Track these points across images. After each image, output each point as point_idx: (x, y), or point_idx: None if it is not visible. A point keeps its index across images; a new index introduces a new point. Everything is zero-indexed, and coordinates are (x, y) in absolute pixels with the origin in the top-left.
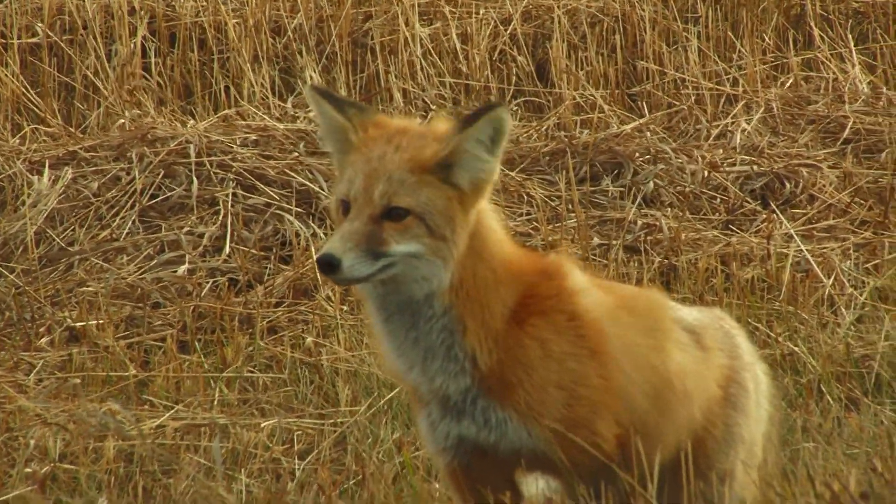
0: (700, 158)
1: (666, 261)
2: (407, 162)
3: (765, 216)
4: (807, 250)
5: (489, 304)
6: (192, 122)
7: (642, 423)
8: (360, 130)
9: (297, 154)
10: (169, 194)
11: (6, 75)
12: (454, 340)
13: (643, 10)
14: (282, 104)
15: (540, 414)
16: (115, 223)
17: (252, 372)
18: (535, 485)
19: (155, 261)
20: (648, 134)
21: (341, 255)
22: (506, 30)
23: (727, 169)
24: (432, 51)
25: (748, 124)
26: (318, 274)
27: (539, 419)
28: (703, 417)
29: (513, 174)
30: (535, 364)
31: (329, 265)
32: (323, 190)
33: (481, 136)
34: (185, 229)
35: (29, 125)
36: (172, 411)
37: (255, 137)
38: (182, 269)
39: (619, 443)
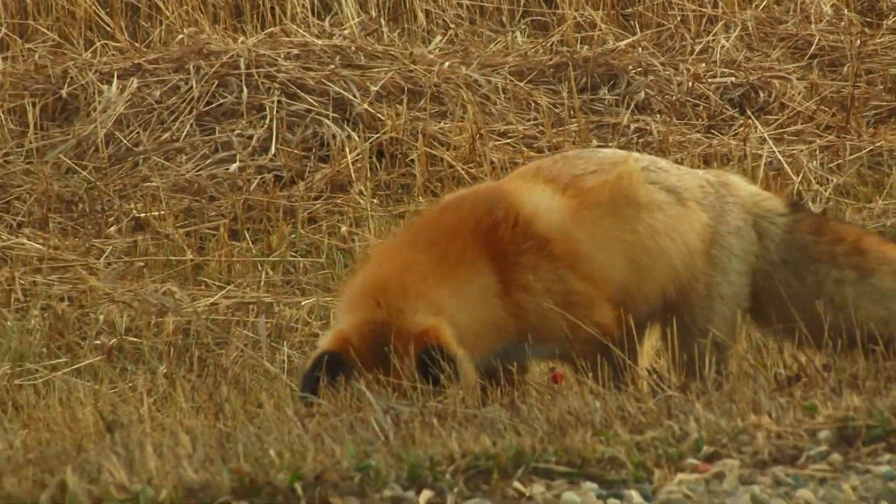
0: (685, 71)
1: None
2: None
3: (742, 122)
4: (778, 151)
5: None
6: (242, 38)
7: (625, 290)
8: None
9: (333, 67)
10: (222, 101)
11: None
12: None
13: None
14: (320, 23)
15: (549, 335)
16: (175, 126)
17: (294, 257)
18: None
19: (210, 159)
20: (640, 49)
21: None
22: None
23: (709, 80)
24: None
25: (727, 41)
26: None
27: (550, 339)
28: (685, 268)
29: (521, 84)
30: (529, 308)
31: None
32: (356, 98)
33: None
34: (236, 132)
35: (99, 41)
36: (224, 291)
37: (296, 52)
38: (233, 167)
39: (616, 318)
